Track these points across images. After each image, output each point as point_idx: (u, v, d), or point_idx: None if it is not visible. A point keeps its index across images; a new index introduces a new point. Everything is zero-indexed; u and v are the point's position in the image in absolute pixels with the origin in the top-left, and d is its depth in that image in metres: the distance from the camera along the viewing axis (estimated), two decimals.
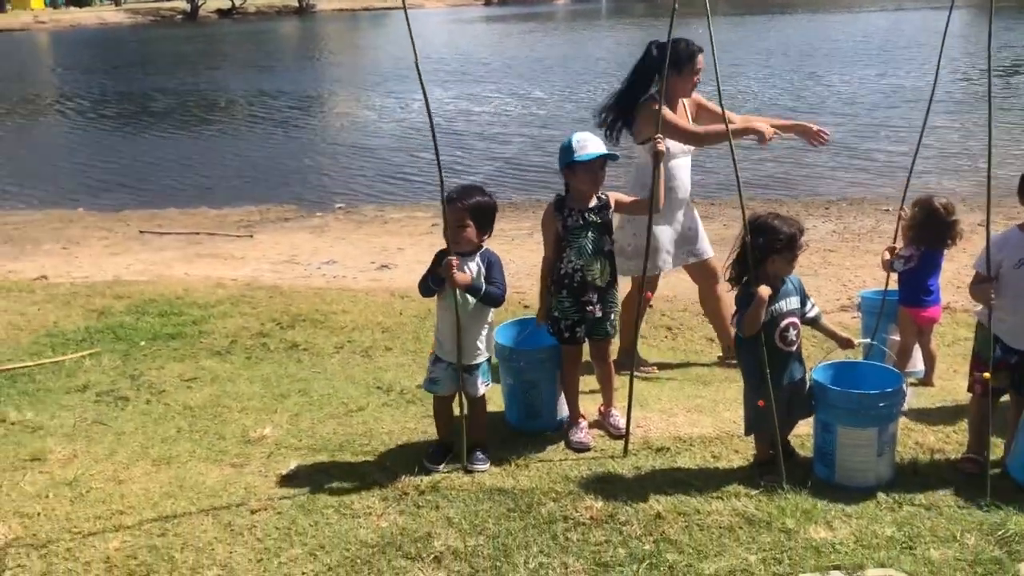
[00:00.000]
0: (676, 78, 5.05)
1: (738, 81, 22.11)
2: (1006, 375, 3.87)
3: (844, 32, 37.11)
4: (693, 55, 5.11)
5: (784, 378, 3.82)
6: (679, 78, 5.10)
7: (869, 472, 3.80)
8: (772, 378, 3.75)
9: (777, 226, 3.78)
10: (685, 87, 5.21)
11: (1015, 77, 21.49)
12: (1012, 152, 13.10)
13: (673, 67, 4.90)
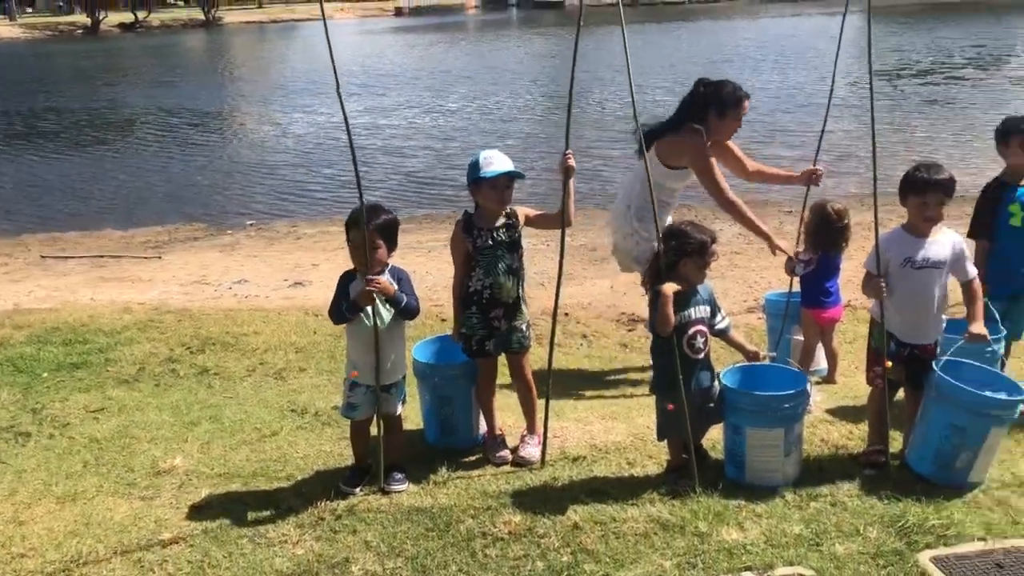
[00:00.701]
0: (718, 121, 5.04)
1: (643, 91, 22.50)
2: (900, 368, 4.04)
3: (744, 39, 38.24)
4: (740, 100, 5.05)
5: (692, 384, 3.91)
6: (721, 122, 5.05)
7: (777, 472, 3.91)
8: (686, 384, 3.83)
9: (689, 231, 3.90)
10: (728, 130, 5.17)
11: (901, 80, 22.47)
12: (900, 153, 13.69)
13: (717, 110, 5.01)
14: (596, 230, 10.55)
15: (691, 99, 5.09)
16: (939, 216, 3.92)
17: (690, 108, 5.08)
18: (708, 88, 5.04)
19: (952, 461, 3.78)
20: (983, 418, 3.75)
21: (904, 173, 4.02)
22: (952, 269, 3.98)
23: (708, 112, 5.01)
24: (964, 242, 4.06)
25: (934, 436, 3.85)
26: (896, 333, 4.01)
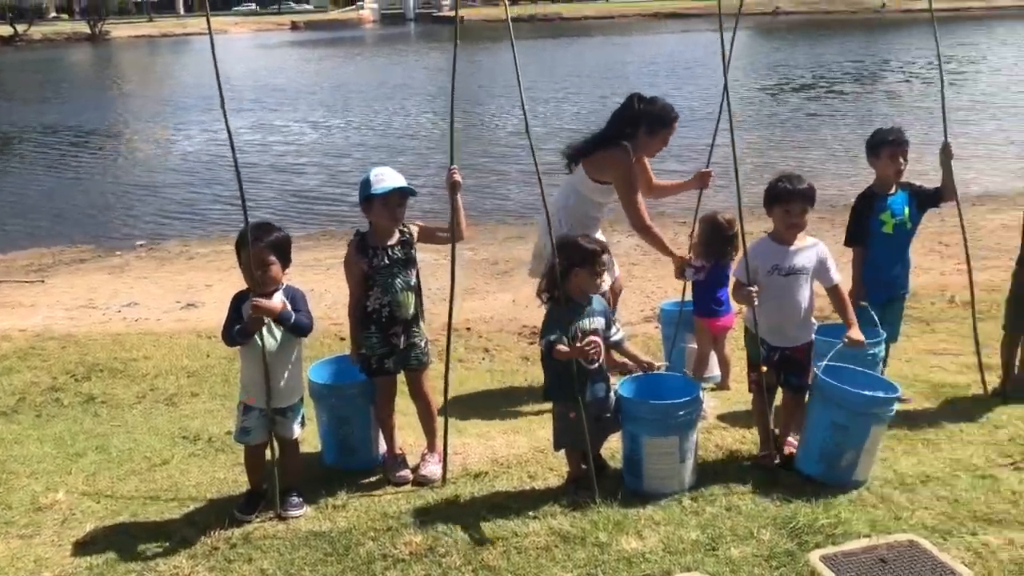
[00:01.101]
0: (648, 139, 5.07)
1: (533, 106, 22.75)
2: (772, 372, 4.19)
3: (635, 55, 39.11)
4: (670, 122, 5.10)
5: (588, 394, 3.94)
6: (651, 139, 5.08)
7: (674, 479, 3.99)
8: (583, 393, 3.87)
9: (580, 243, 3.96)
10: (655, 148, 5.21)
11: (784, 94, 23.37)
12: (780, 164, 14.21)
13: (648, 127, 5.03)
14: (498, 244, 10.61)
15: (624, 113, 5.11)
16: (803, 224, 4.10)
17: (621, 122, 5.10)
18: (642, 104, 5.07)
19: (837, 460, 3.93)
20: (863, 417, 3.90)
21: (769, 183, 4.17)
22: (816, 275, 4.15)
23: (639, 128, 5.05)
24: (827, 249, 4.23)
25: (819, 436, 4.00)
26: (767, 338, 4.16)
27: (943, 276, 7.95)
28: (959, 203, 5.05)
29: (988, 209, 10.53)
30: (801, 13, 60.55)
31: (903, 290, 4.99)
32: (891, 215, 4.76)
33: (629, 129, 5.05)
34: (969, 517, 3.65)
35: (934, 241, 9.13)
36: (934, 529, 3.56)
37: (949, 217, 8.87)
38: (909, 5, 58.79)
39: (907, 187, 4.86)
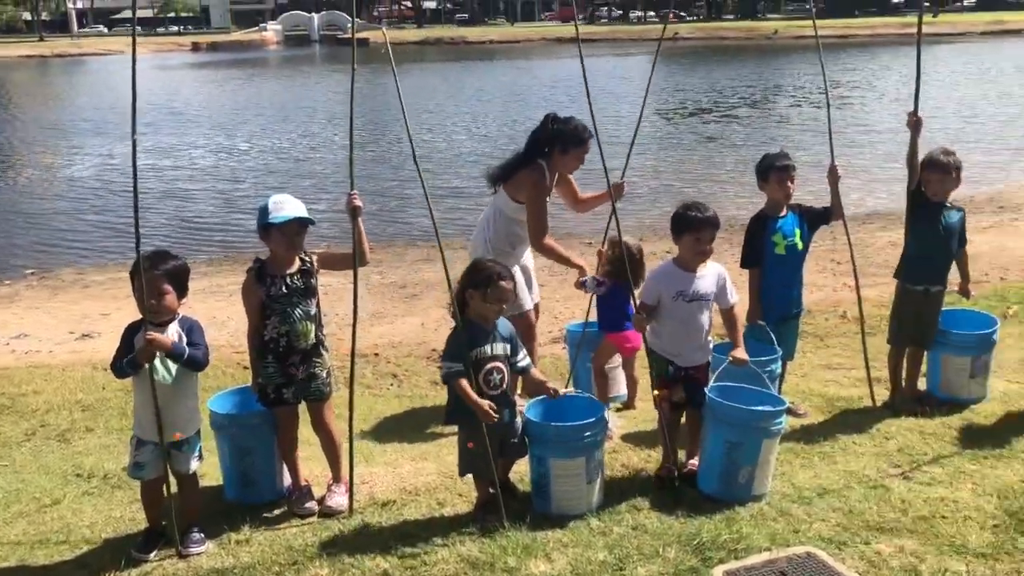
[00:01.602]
0: (562, 157, 5.18)
1: (439, 130, 22.81)
2: (679, 390, 4.29)
3: (537, 78, 39.61)
4: (584, 140, 5.18)
5: (501, 421, 3.93)
6: (564, 158, 5.19)
7: (582, 500, 4.02)
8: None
9: (479, 266, 4.00)
10: (570, 167, 5.30)
11: (681, 118, 23.99)
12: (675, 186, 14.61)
13: (562, 146, 5.14)
14: (407, 267, 10.55)
15: (539, 133, 5.23)
16: (711, 251, 4.23)
17: (537, 142, 5.22)
18: (556, 124, 5.19)
19: (735, 477, 4.03)
20: (754, 432, 4.03)
21: (674, 213, 4.28)
22: (716, 298, 4.30)
23: (554, 147, 5.17)
24: (727, 273, 4.39)
25: (715, 455, 4.11)
26: (674, 359, 4.26)
27: (835, 292, 8.28)
28: (846, 223, 5.27)
29: (877, 227, 11.05)
30: (698, 39, 62.44)
31: (797, 308, 5.18)
32: (783, 237, 4.94)
33: (545, 148, 5.19)
34: (863, 527, 3.79)
35: (827, 259, 9.51)
36: (830, 540, 3.68)
37: (840, 236, 9.24)
38: (799, 32, 61.30)
39: (797, 208, 5.05)
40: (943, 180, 4.90)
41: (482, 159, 18.07)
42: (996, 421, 4.93)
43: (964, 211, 5.14)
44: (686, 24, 77.65)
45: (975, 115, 22.33)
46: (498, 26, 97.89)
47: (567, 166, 5.30)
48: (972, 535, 3.69)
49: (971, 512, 3.88)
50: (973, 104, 24.30)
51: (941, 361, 5.22)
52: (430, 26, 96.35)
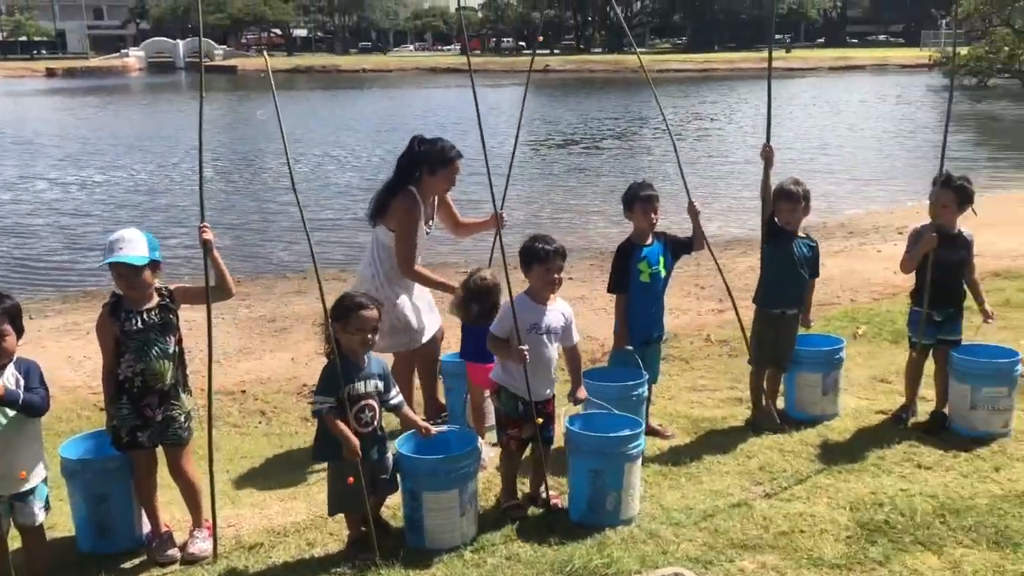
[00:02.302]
0: (431, 178, 5.15)
1: (308, 160, 22.50)
2: (531, 427, 4.32)
3: (411, 106, 39.72)
4: (451, 161, 5.14)
5: (367, 455, 3.88)
6: (433, 179, 5.15)
7: (455, 532, 4.00)
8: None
9: (342, 298, 3.95)
10: (439, 188, 5.24)
11: (549, 149, 24.45)
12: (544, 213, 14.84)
13: (430, 167, 5.09)
14: (276, 300, 10.28)
15: (405, 157, 5.20)
16: (560, 281, 4.31)
17: (405, 166, 5.18)
18: (423, 145, 5.16)
19: (603, 504, 4.10)
20: (615, 458, 4.11)
21: (522, 246, 4.33)
22: (561, 337, 4.38)
23: (422, 169, 5.14)
24: (571, 311, 4.48)
25: (581, 484, 4.17)
26: (523, 395, 4.26)
27: (700, 316, 8.57)
28: (711, 250, 5.48)
29: (737, 253, 11.52)
30: (568, 71, 64.06)
31: (659, 333, 5.33)
32: (648, 264, 5.08)
33: (415, 172, 5.17)
34: (727, 545, 3.92)
35: (691, 284, 9.85)
36: (697, 560, 3.78)
37: (704, 262, 9.63)
38: (664, 65, 63.75)
39: (662, 237, 5.22)
40: (794, 209, 5.16)
41: (350, 190, 17.92)
42: (848, 436, 5.20)
43: (817, 244, 5.42)
44: (556, 57, 79.50)
45: (825, 146, 23.69)
46: (370, 55, 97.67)
47: (436, 187, 5.27)
48: (827, 547, 3.87)
49: (827, 525, 4.07)
50: (823, 136, 25.79)
51: (795, 380, 5.47)
52: (300, 54, 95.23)
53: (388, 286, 5.22)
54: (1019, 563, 3.69)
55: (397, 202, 5.14)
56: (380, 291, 5.25)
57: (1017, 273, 9.30)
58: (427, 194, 5.25)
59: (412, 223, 5.13)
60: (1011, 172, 19.30)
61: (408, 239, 5.14)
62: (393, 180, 5.24)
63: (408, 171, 5.18)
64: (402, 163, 5.22)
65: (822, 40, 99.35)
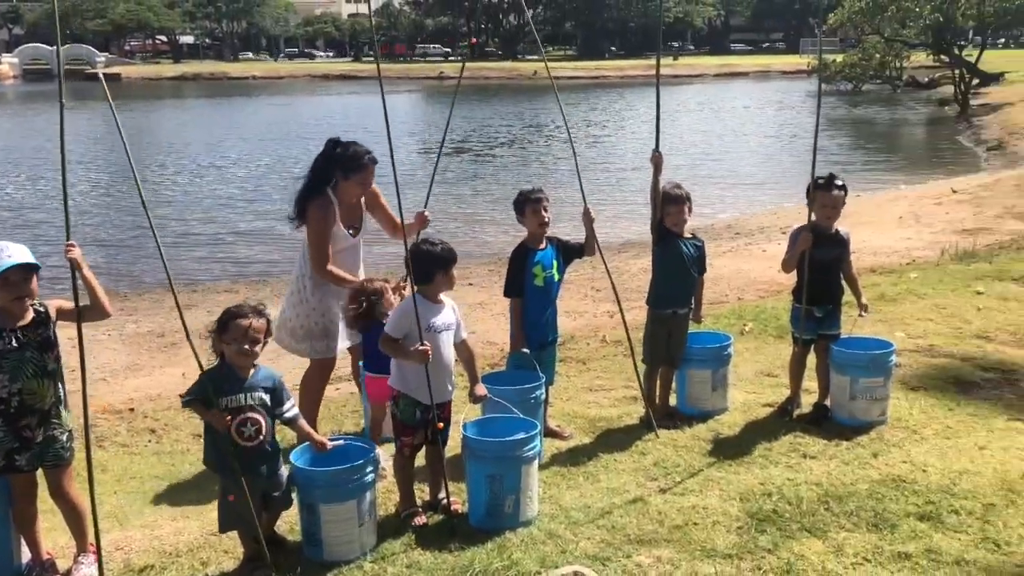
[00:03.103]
0: (344, 182, 5.08)
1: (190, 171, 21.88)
2: (422, 434, 4.34)
3: (301, 114, 39.09)
4: (364, 166, 5.06)
5: (250, 473, 3.79)
6: (347, 183, 5.08)
7: (354, 543, 3.95)
8: (244, 470, 3.74)
9: (229, 309, 3.87)
10: (353, 193, 5.13)
11: (456, 156, 24.52)
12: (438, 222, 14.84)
13: (343, 171, 5.03)
14: (165, 314, 9.96)
15: (322, 158, 5.14)
16: (453, 281, 4.35)
17: (321, 168, 5.12)
18: (339, 148, 5.11)
19: (501, 507, 4.13)
20: (512, 462, 4.15)
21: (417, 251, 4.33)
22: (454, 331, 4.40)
23: (336, 172, 5.09)
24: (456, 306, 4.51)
25: (479, 489, 4.19)
26: (423, 399, 4.26)
27: (596, 318, 8.72)
28: (603, 255, 5.57)
29: (630, 255, 11.79)
30: (463, 78, 64.09)
31: (553, 335, 5.40)
32: (542, 268, 5.14)
33: (330, 174, 5.12)
34: (624, 541, 4.00)
35: (587, 287, 10.02)
36: (595, 557, 3.84)
37: (599, 265, 9.78)
38: (557, 72, 64.61)
39: (555, 241, 5.29)
40: (680, 211, 5.32)
41: (233, 202, 17.49)
42: (737, 430, 5.38)
43: (703, 243, 5.59)
44: (451, 63, 79.58)
45: (712, 151, 24.48)
46: (261, 62, 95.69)
47: (351, 192, 5.20)
48: (719, 538, 3.99)
49: (719, 517, 4.21)
50: (710, 141, 26.64)
51: (687, 376, 5.63)
52: (188, 61, 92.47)
53: (310, 289, 5.17)
54: (896, 543, 3.89)
55: (310, 205, 5.09)
56: (302, 293, 5.24)
57: (891, 269, 9.81)
58: (342, 198, 5.18)
59: (324, 226, 5.07)
60: (885, 174, 20.38)
61: (319, 243, 5.07)
62: (308, 182, 5.18)
63: (323, 174, 5.14)
64: (317, 165, 5.17)
65: (707, 48, 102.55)
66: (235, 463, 3.71)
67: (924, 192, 16.46)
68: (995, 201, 13.84)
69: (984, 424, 5.26)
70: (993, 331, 7.13)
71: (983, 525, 4.01)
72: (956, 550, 3.80)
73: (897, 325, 7.31)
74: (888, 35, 39.06)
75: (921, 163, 22.33)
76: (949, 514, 4.12)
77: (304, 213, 5.12)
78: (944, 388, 5.90)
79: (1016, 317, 7.46)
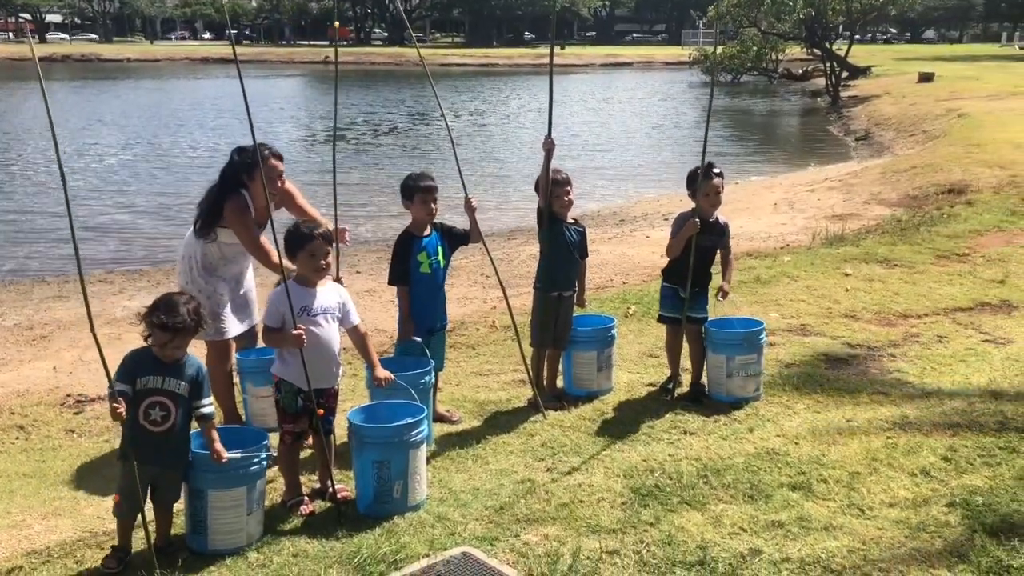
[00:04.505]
0: (251, 183, 5.02)
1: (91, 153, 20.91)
2: (304, 421, 4.31)
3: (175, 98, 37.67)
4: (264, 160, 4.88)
5: (154, 459, 3.73)
6: (254, 183, 4.99)
7: (241, 532, 3.89)
8: (140, 457, 3.67)
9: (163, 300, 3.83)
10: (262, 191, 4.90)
11: (343, 142, 24.09)
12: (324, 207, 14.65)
13: (248, 173, 4.99)
14: (34, 306, 9.49)
15: (228, 167, 5.13)
16: (327, 266, 4.32)
17: (230, 176, 5.09)
18: (240, 155, 5.08)
19: (389, 493, 4.12)
20: (399, 447, 4.15)
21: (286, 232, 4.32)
22: (341, 316, 4.39)
23: (243, 176, 5.05)
24: (347, 293, 4.52)
25: (366, 476, 4.18)
26: (303, 385, 4.19)
27: (485, 304, 8.77)
28: (486, 244, 5.59)
29: (519, 242, 11.88)
30: (350, 63, 63.08)
31: (442, 322, 5.41)
32: (427, 255, 5.13)
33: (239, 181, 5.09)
34: (513, 520, 4.05)
35: (477, 273, 10.05)
36: (484, 538, 3.88)
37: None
38: (444, 59, 64.36)
39: (440, 228, 5.29)
40: (567, 193, 5.41)
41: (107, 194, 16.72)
42: (622, 409, 5.52)
43: (584, 228, 5.70)
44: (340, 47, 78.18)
45: (597, 139, 24.87)
46: (137, 43, 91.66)
47: (259, 194, 5.08)
48: (604, 514, 4.10)
49: (604, 493, 4.31)
50: (595, 130, 27.05)
51: (573, 358, 5.74)
52: (59, 41, 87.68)
53: (197, 271, 5.18)
54: (770, 512, 4.07)
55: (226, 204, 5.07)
56: (190, 274, 5.20)
57: (765, 253, 10.22)
58: (256, 202, 5.13)
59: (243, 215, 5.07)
60: (760, 162, 21.16)
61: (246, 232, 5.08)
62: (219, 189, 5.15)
63: (232, 180, 5.11)
64: (224, 174, 5.15)
65: (593, 34, 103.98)
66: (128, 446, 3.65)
67: (797, 179, 17.17)
68: (862, 188, 14.56)
69: (851, 398, 5.55)
70: (859, 310, 7.52)
71: (849, 492, 4.24)
72: (824, 516, 4.01)
73: (771, 306, 7.63)
74: (764, 28, 40.51)
75: (796, 152, 23.30)
76: (819, 483, 4.34)
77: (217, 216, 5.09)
78: (815, 364, 6.20)
79: (880, 297, 7.90)
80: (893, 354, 6.40)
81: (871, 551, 3.70)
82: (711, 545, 3.78)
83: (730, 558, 3.67)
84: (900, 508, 4.06)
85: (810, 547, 3.74)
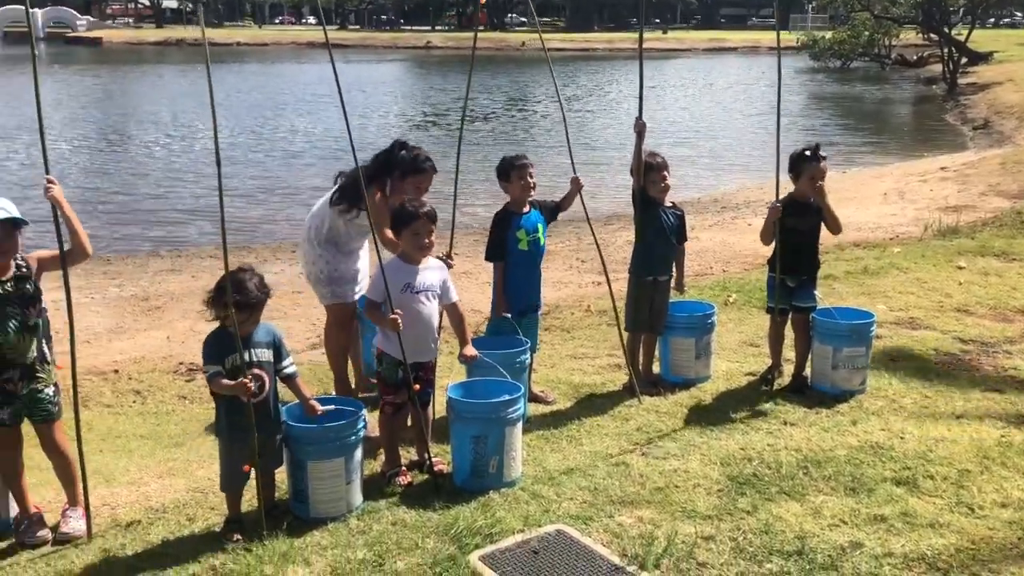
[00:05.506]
0: (400, 183, 5.04)
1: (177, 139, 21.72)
2: (403, 393, 4.39)
3: (289, 81, 38.70)
4: (423, 171, 5.03)
5: (259, 428, 3.83)
6: (402, 183, 5.03)
7: (341, 500, 4.00)
8: (246, 428, 3.77)
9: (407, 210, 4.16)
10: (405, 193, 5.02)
11: (442, 124, 24.37)
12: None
13: (401, 172, 5.02)
14: (149, 278, 9.94)
15: (386, 157, 5.14)
16: (432, 244, 4.38)
17: (382, 163, 5.12)
18: (403, 151, 5.11)
19: (485, 468, 4.18)
20: (496, 423, 4.19)
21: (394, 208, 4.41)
22: (441, 293, 4.44)
23: (394, 171, 5.08)
24: (448, 272, 4.56)
25: (463, 450, 4.24)
26: (401, 358, 4.28)
27: (580, 288, 8.77)
28: (591, 224, 5.59)
29: (616, 228, 11.81)
30: (451, 48, 63.62)
31: (537, 302, 5.42)
32: (526, 233, 5.16)
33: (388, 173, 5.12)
34: (607, 502, 4.06)
35: (572, 258, 10.06)
36: (578, 517, 3.90)
37: (585, 236, 9.84)
38: (546, 44, 64.10)
39: (538, 205, 5.31)
40: (663, 179, 5.36)
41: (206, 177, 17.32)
42: (720, 397, 5.44)
43: (683, 212, 5.63)
44: (438, 33, 78.86)
45: (699, 125, 24.45)
46: (246, 28, 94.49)
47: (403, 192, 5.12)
48: (700, 500, 4.06)
49: (700, 480, 4.27)
50: (698, 116, 26.59)
51: (670, 344, 5.68)
52: (171, 26, 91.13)
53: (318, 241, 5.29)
54: (872, 506, 3.96)
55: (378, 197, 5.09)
56: (312, 242, 5.32)
57: (874, 243, 9.89)
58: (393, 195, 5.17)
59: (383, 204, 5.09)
60: (870, 151, 20.44)
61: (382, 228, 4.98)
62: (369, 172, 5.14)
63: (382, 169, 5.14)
64: (379, 160, 5.18)
65: (699, 18, 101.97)
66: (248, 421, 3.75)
67: (909, 169, 16.54)
68: (979, 179, 13.93)
69: (961, 394, 5.34)
70: (973, 305, 7.22)
71: (958, 490, 4.09)
72: (931, 513, 3.88)
73: (879, 298, 7.39)
74: (878, 12, 39.00)
75: (908, 141, 22.40)
76: (925, 479, 4.20)
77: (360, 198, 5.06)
78: (924, 359, 5.99)
79: (996, 291, 7.56)
80: (1009, 351, 6.13)
81: (980, 551, 3.57)
82: (810, 536, 3.71)
83: (829, 549, 3.60)
84: (1014, 509, 3.90)
85: (914, 543, 3.63)
